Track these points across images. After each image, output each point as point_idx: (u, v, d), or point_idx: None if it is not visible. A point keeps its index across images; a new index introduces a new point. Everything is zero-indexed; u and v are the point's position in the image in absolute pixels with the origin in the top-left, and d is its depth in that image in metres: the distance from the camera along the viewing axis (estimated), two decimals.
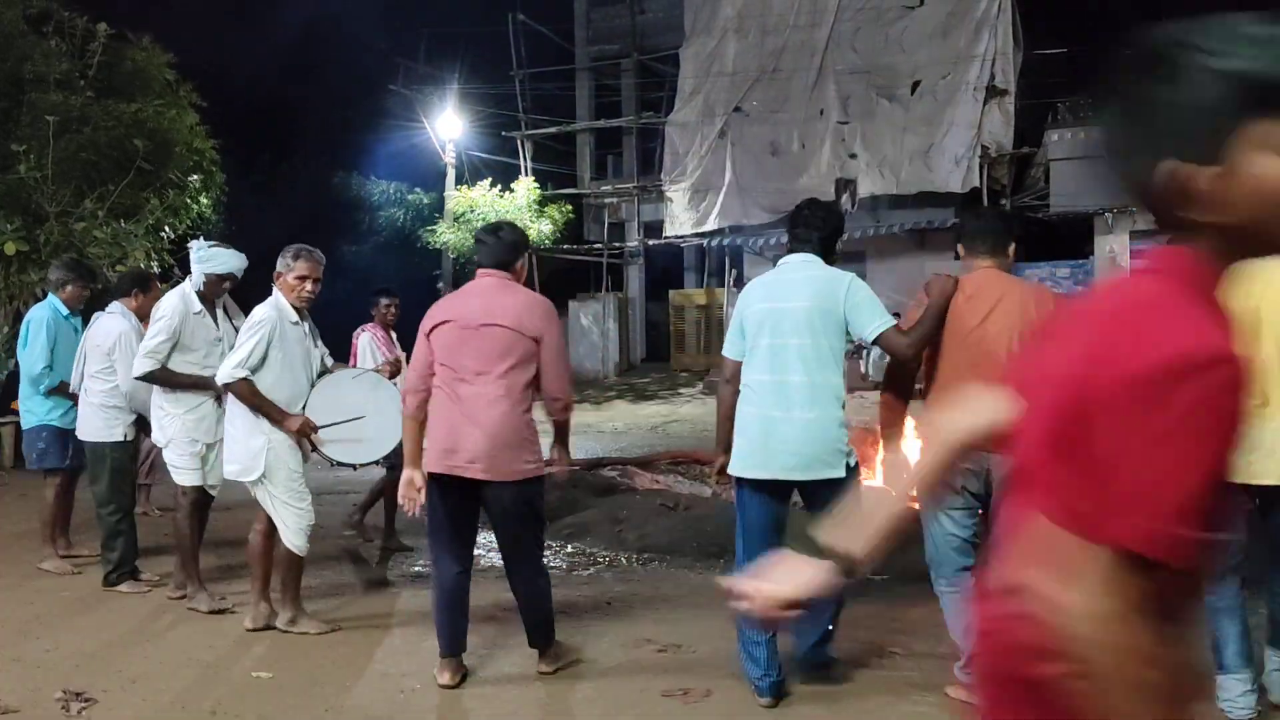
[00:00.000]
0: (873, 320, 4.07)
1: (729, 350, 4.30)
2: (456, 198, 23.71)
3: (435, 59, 25.80)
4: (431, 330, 4.39)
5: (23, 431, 6.91)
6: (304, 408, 5.14)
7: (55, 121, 11.42)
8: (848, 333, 4.14)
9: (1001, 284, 4.06)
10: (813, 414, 4.01)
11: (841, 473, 4.03)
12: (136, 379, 5.62)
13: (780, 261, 4.30)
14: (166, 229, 12.91)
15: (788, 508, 4.19)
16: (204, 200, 13.73)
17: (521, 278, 4.55)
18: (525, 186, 24.11)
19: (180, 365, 5.57)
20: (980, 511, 4.04)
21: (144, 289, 6.41)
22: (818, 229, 4.24)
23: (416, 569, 6.66)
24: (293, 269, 5.10)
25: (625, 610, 5.77)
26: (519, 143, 25.44)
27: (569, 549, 7.32)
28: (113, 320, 6.24)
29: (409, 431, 4.43)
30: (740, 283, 24.43)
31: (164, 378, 5.57)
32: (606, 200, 26.39)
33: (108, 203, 11.85)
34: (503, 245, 4.48)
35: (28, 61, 11.92)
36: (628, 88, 26.60)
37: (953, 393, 3.83)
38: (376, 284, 8.06)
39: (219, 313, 5.79)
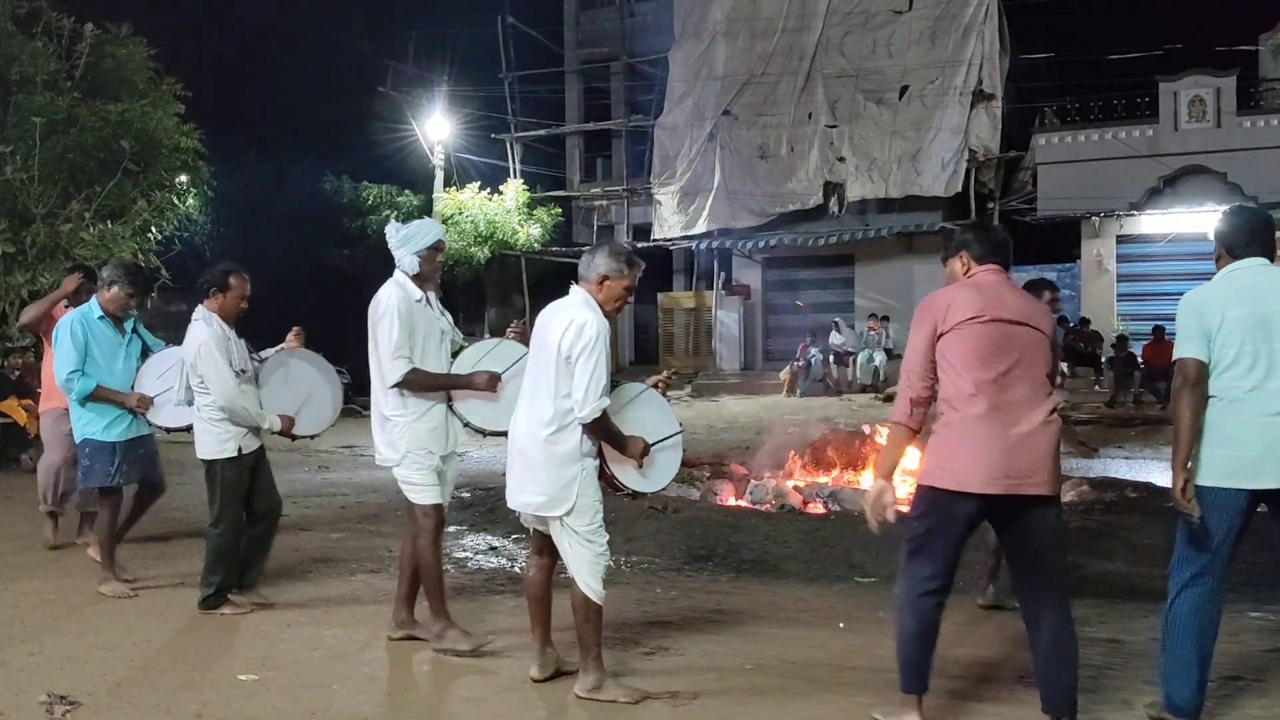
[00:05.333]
0: None
1: (1195, 351, 3.93)
2: (445, 200, 23.70)
3: (424, 61, 25.77)
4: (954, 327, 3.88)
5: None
6: None
7: (42, 123, 11.40)
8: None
9: None
10: None
11: None
12: (392, 387, 4.84)
13: (1234, 266, 4.06)
14: (154, 230, 12.90)
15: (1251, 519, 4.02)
16: (191, 201, 13.71)
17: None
18: (514, 189, 24.13)
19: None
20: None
21: (222, 288, 5.62)
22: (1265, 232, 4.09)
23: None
24: (626, 275, 4.37)
25: (612, 612, 5.75)
26: (508, 145, 25.44)
27: None
28: (194, 329, 5.58)
29: (901, 441, 4.00)
30: (729, 285, 24.51)
31: (422, 381, 4.84)
32: (595, 203, 26.41)
33: (95, 204, 11.84)
34: (1008, 244, 4.09)
35: (15, 63, 11.88)
36: (617, 90, 26.66)
37: None
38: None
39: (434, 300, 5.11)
